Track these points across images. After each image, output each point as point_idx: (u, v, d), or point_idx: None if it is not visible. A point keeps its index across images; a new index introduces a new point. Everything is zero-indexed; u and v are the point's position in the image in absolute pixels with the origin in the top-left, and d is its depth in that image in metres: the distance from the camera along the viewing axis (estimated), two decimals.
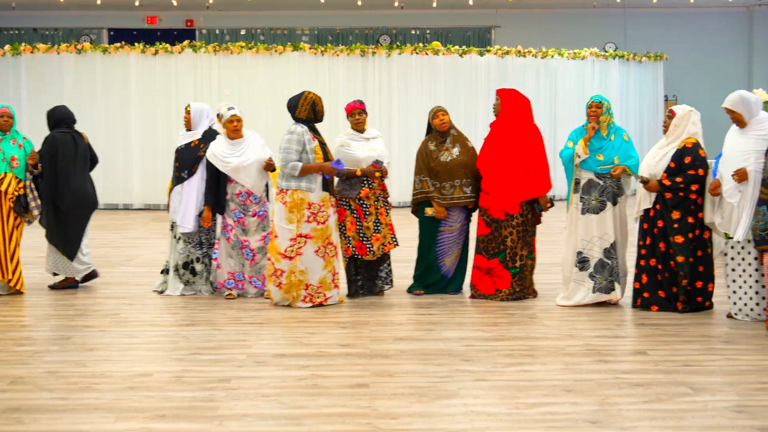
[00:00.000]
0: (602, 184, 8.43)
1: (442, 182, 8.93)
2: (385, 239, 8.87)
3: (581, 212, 8.49)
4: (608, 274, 8.46)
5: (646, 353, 6.88)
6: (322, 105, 8.59)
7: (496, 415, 5.47)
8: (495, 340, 7.35)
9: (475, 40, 22.35)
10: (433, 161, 8.95)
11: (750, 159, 7.67)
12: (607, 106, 8.54)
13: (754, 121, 7.80)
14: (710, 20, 22.54)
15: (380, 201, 8.89)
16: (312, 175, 8.38)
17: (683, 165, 8.06)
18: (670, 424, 5.30)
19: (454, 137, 9.06)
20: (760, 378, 6.19)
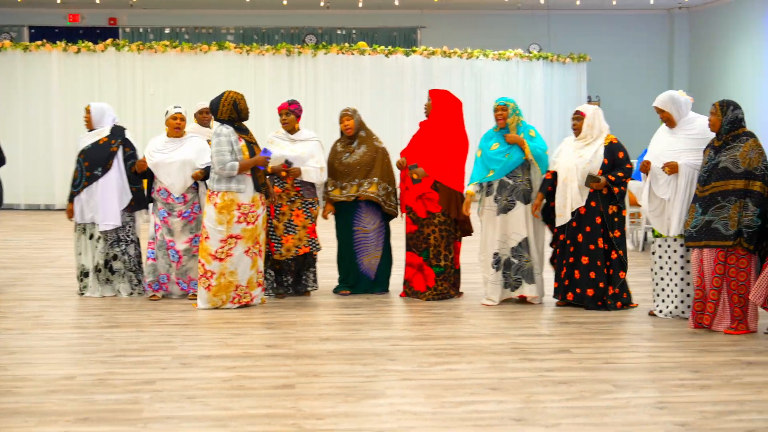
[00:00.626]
0: (512, 183, 8.49)
1: (343, 182, 8.96)
2: (300, 242, 8.84)
3: (496, 213, 8.54)
4: (514, 271, 8.54)
5: (569, 351, 6.96)
6: (245, 103, 8.51)
7: (422, 414, 5.49)
8: (421, 339, 7.37)
9: (401, 41, 22.40)
10: (336, 162, 8.99)
11: (680, 158, 7.79)
12: (513, 107, 8.60)
13: (683, 121, 7.91)
14: (632, 22, 22.87)
15: (297, 202, 8.86)
16: (242, 176, 8.33)
17: (617, 160, 8.22)
18: (593, 421, 5.37)
19: (362, 138, 9.08)
20: (680, 375, 6.30)
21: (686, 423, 5.31)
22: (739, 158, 7.35)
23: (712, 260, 7.44)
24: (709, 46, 21.71)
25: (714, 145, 7.55)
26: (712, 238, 7.39)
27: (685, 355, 6.84)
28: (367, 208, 9.02)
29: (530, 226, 8.56)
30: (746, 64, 19.92)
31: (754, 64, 19.55)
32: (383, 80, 19.14)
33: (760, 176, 7.33)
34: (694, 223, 7.51)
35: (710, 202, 7.42)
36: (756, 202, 7.29)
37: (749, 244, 7.30)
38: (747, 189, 7.33)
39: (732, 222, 7.32)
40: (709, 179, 7.46)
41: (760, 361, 6.64)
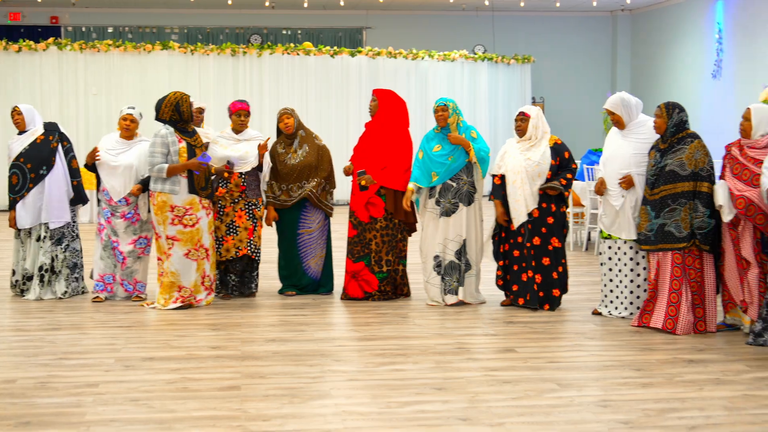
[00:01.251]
0: (456, 186, 8.52)
1: (289, 184, 8.92)
2: (241, 243, 8.80)
3: (438, 216, 8.56)
4: (458, 275, 8.57)
5: (514, 350, 7.00)
6: (188, 106, 8.42)
7: (368, 414, 5.49)
8: (367, 339, 7.37)
9: (347, 41, 22.41)
10: (279, 164, 8.95)
11: (631, 162, 7.85)
12: (452, 107, 8.62)
13: (634, 123, 7.97)
14: (576, 24, 23.08)
15: (240, 203, 8.82)
16: (176, 177, 8.26)
17: (564, 160, 8.30)
18: (537, 419, 5.40)
19: (302, 138, 9.06)
20: (623, 373, 6.37)
21: (629, 421, 5.36)
22: (686, 160, 7.43)
23: (670, 263, 7.51)
24: (650, 47, 21.97)
25: (659, 148, 7.62)
26: (667, 241, 7.46)
27: (628, 353, 6.92)
28: (312, 208, 9.00)
29: (471, 229, 8.58)
30: (687, 65, 20.19)
31: (694, 65, 19.82)
32: (329, 81, 19.13)
33: (706, 177, 7.42)
34: (649, 227, 7.57)
35: (661, 205, 7.49)
36: (705, 203, 7.38)
37: (704, 244, 7.40)
38: (695, 190, 7.41)
39: (684, 224, 7.40)
40: (657, 182, 7.53)
41: (701, 359, 6.73)
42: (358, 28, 22.56)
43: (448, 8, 22.03)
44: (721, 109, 18.17)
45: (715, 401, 5.72)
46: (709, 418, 5.40)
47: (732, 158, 7.37)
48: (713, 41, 18.89)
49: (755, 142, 7.24)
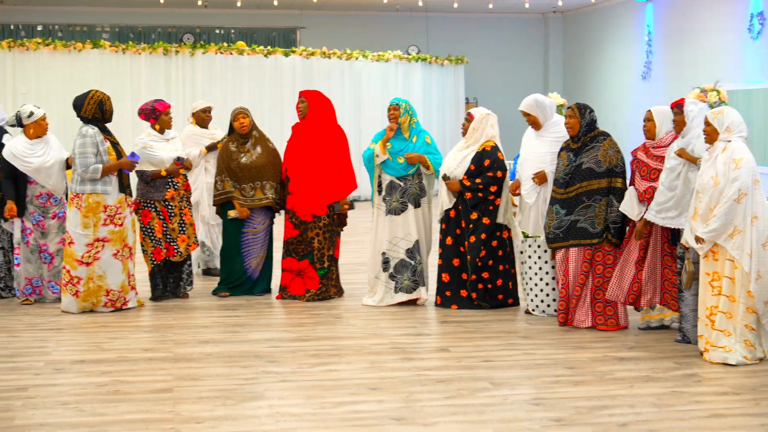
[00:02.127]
0: (403, 185, 8.56)
1: (243, 184, 8.89)
2: (189, 239, 8.76)
3: (385, 213, 8.60)
4: (411, 273, 8.60)
5: (448, 350, 7.04)
6: (111, 105, 8.33)
7: (302, 415, 5.48)
8: (301, 340, 7.36)
9: (281, 41, 22.33)
10: (233, 162, 8.91)
11: (546, 160, 7.98)
12: (405, 108, 8.65)
13: (549, 124, 8.11)
14: (508, 25, 23.26)
15: (184, 201, 8.78)
16: (108, 177, 8.17)
17: (483, 167, 8.30)
18: (470, 418, 5.44)
19: (256, 138, 9.04)
20: (555, 371, 6.43)
21: (561, 418, 5.42)
22: (601, 158, 7.58)
23: (579, 259, 7.63)
24: (582, 49, 22.22)
25: (571, 148, 7.76)
26: (580, 237, 7.60)
27: (560, 351, 6.99)
28: (260, 210, 8.96)
29: (421, 229, 8.62)
30: (617, 67, 20.45)
31: (625, 67, 20.08)
32: (262, 81, 19.05)
33: (620, 173, 7.61)
34: (557, 224, 7.69)
35: (575, 202, 7.62)
36: (619, 198, 7.55)
37: (615, 238, 7.55)
38: (610, 186, 7.58)
39: (599, 220, 7.55)
40: (572, 181, 7.66)
41: (631, 356, 6.82)
42: (292, 28, 22.50)
43: (382, 9, 22.07)
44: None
45: (644, 398, 5.80)
46: (639, 415, 5.48)
47: (639, 162, 7.51)
48: (643, 44, 19.16)
49: (660, 141, 7.39)
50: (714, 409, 5.62)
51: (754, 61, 15.23)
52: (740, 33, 15.60)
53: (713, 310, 6.62)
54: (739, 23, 15.67)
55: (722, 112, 6.66)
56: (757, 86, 15.01)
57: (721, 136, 6.62)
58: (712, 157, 6.62)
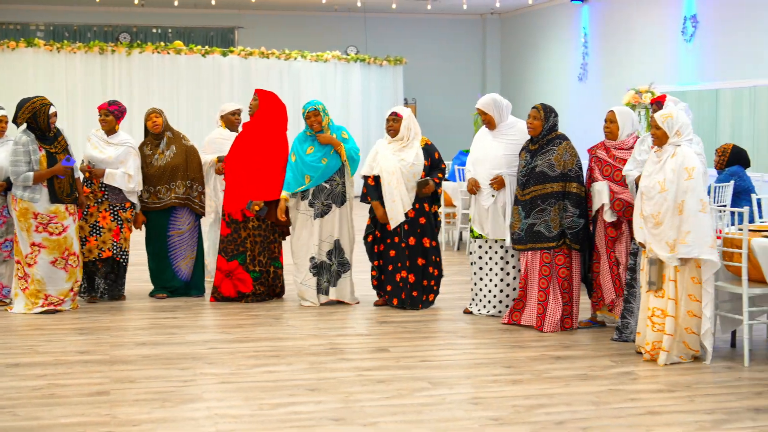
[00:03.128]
0: (329, 188, 8.54)
1: (158, 186, 8.81)
2: (104, 245, 8.63)
3: (314, 218, 8.56)
4: (331, 275, 8.60)
5: (387, 350, 7.05)
6: (46, 118, 8.09)
7: (241, 416, 5.45)
8: (239, 341, 7.32)
9: (219, 41, 22.19)
10: (146, 166, 8.83)
11: (502, 163, 7.97)
12: (323, 110, 8.63)
13: (504, 125, 8.08)
14: (447, 26, 23.35)
15: (105, 204, 8.65)
16: (37, 186, 8.06)
17: (434, 161, 8.39)
18: (409, 418, 5.45)
19: (169, 139, 8.97)
20: (493, 371, 6.47)
21: (499, 417, 5.45)
22: (555, 161, 7.58)
23: (539, 262, 7.66)
24: (519, 50, 22.38)
25: (530, 149, 7.76)
26: (537, 240, 7.61)
27: (498, 351, 7.03)
28: (182, 210, 8.89)
29: (344, 229, 8.61)
30: (554, 68, 20.64)
31: (561, 68, 20.27)
32: (200, 80, 18.92)
33: (575, 177, 7.60)
34: (520, 226, 7.71)
35: (531, 205, 7.63)
36: (574, 202, 7.56)
37: (575, 243, 7.58)
38: (565, 191, 7.58)
39: (554, 224, 7.56)
40: (528, 183, 7.67)
41: (568, 355, 6.89)
42: (230, 27, 22.36)
43: (321, 9, 22.03)
44: (587, 111, 18.62)
45: (581, 396, 5.86)
46: (576, 413, 5.53)
47: (599, 160, 7.55)
48: (579, 45, 19.36)
49: (622, 143, 7.44)
50: (650, 406, 5.69)
51: (688, 63, 15.46)
52: (674, 35, 15.83)
53: (656, 311, 6.69)
54: (672, 26, 15.89)
55: (671, 115, 6.64)
56: (690, 88, 15.24)
57: (670, 140, 6.63)
58: (661, 160, 6.65)
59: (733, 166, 9.37)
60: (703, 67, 15.10)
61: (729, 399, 5.83)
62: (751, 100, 13.61)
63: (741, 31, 14.02)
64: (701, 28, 15.08)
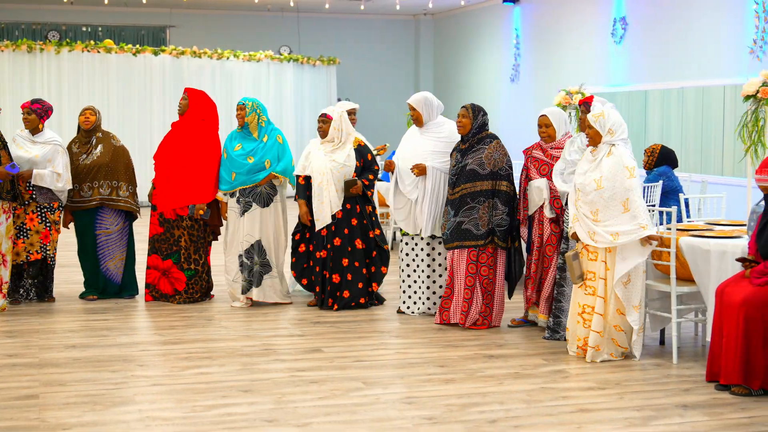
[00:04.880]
0: (255, 187, 8.54)
1: (81, 184, 8.72)
2: (32, 247, 8.50)
3: (240, 214, 8.53)
4: (248, 273, 8.57)
5: (321, 350, 7.04)
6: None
7: (173, 419, 5.41)
8: (172, 343, 7.26)
9: (150, 40, 21.95)
10: (72, 164, 8.73)
11: (428, 158, 8.02)
12: (252, 107, 8.61)
13: (432, 123, 8.14)
14: (380, 27, 23.38)
15: (32, 205, 8.52)
16: None
17: (366, 162, 8.40)
18: (343, 418, 5.45)
19: (99, 138, 8.87)
20: (427, 370, 6.50)
21: (433, 416, 5.48)
22: (485, 160, 7.65)
23: (465, 260, 7.71)
24: (452, 51, 22.49)
25: (460, 148, 7.81)
26: (465, 238, 7.66)
27: (432, 350, 7.06)
28: (109, 210, 8.79)
29: (267, 230, 8.59)
30: (487, 69, 20.77)
31: (494, 69, 20.41)
32: (131, 80, 18.70)
33: (505, 176, 7.67)
34: (448, 225, 7.75)
35: (460, 203, 7.69)
36: (504, 201, 7.63)
37: (502, 241, 7.64)
38: (494, 189, 7.65)
39: (483, 222, 7.62)
40: (458, 182, 7.72)
41: (500, 354, 6.94)
42: (161, 26, 22.14)
43: (254, 8, 21.92)
44: (519, 112, 18.77)
45: (514, 395, 5.91)
46: (509, 411, 5.58)
47: (536, 160, 7.63)
48: (511, 46, 19.50)
49: (559, 142, 7.53)
50: (581, 404, 5.76)
51: (617, 65, 15.66)
52: (604, 37, 16.02)
53: (586, 308, 6.78)
54: (602, 28, 16.09)
55: (603, 114, 6.72)
56: (619, 89, 15.44)
57: (604, 138, 6.72)
58: (596, 159, 6.74)
59: (662, 167, 9.50)
60: (632, 69, 15.30)
61: (658, 396, 5.92)
62: (679, 101, 13.83)
63: (669, 33, 14.24)
64: (630, 30, 15.28)
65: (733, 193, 10.87)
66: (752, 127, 8.31)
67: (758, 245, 6.03)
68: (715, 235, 6.73)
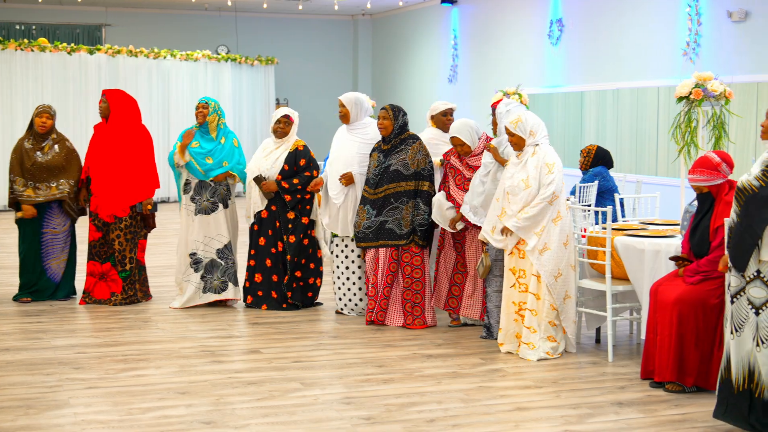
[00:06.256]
0: (213, 185, 8.49)
1: (37, 182, 8.61)
2: None
3: (194, 213, 8.50)
4: (221, 274, 8.53)
5: (259, 351, 7.02)
6: None
7: (109, 422, 5.35)
8: (108, 345, 7.18)
9: (85, 38, 21.69)
10: (29, 160, 8.61)
11: (354, 162, 8.05)
12: (214, 107, 8.60)
13: (359, 123, 8.18)
14: (318, 27, 23.35)
15: None
16: None
17: (299, 167, 8.34)
18: (282, 419, 5.44)
19: (54, 139, 8.78)
20: (365, 370, 6.51)
21: (371, 416, 5.49)
22: (408, 160, 7.72)
23: (387, 259, 7.75)
24: (390, 52, 22.53)
25: (382, 149, 7.87)
26: (388, 237, 7.72)
27: (370, 350, 7.07)
28: (59, 209, 8.69)
29: (231, 229, 8.57)
30: (425, 69, 20.84)
31: (432, 70, 20.49)
32: (66, 79, 18.46)
33: (427, 176, 7.76)
34: (367, 224, 7.78)
35: (384, 203, 7.74)
36: (426, 201, 7.71)
37: (422, 240, 7.71)
38: (417, 189, 7.72)
39: (405, 222, 7.68)
40: (381, 182, 7.77)
41: (439, 353, 6.97)
42: (97, 25, 21.90)
43: (191, 7, 21.77)
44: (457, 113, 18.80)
45: (452, 394, 5.94)
46: (447, 411, 5.61)
47: (452, 168, 7.70)
48: (449, 47, 19.59)
49: (474, 150, 7.60)
50: (518, 402, 5.80)
51: (554, 66, 15.80)
52: (541, 39, 16.15)
53: (522, 306, 6.84)
54: (539, 29, 16.22)
55: (519, 119, 6.84)
56: (556, 90, 15.59)
57: (527, 141, 6.84)
58: (522, 160, 6.82)
59: (597, 167, 9.61)
60: (568, 70, 15.45)
61: (594, 394, 5.99)
62: (614, 102, 13.99)
63: (605, 35, 14.40)
64: (567, 32, 15.43)
65: (666, 192, 11.03)
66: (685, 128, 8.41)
67: (691, 244, 6.13)
68: (650, 234, 6.82)
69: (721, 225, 5.80)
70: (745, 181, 5.08)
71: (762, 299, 5.04)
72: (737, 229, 5.09)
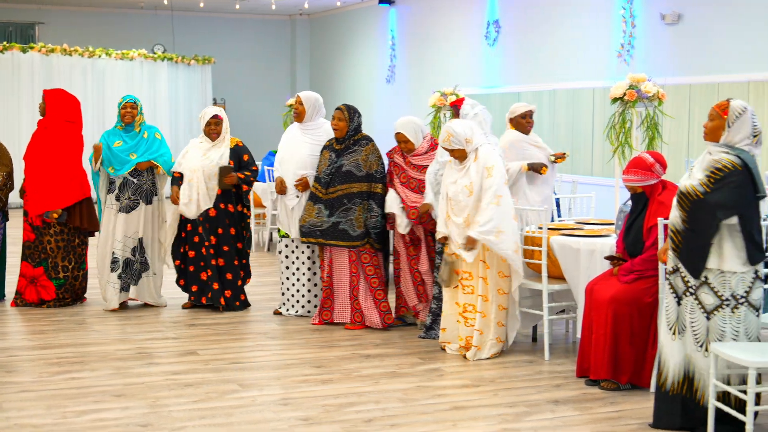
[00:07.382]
0: (136, 182, 8.40)
1: None
2: None
3: (117, 211, 8.39)
4: (135, 273, 8.45)
5: (196, 353, 6.97)
6: None
7: (42, 426, 5.28)
8: (41, 348, 7.08)
9: (18, 36, 21.36)
10: None
11: (307, 164, 8.00)
12: (140, 107, 8.54)
13: (312, 124, 8.14)
14: (256, 27, 23.23)
15: None
16: None
17: (243, 162, 8.32)
18: (218, 421, 5.41)
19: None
20: (304, 371, 6.49)
21: (309, 417, 5.48)
22: (361, 162, 7.69)
23: (347, 260, 7.73)
24: (329, 52, 22.51)
25: (335, 148, 7.83)
26: (342, 239, 7.68)
27: (309, 351, 7.06)
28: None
29: (149, 227, 8.48)
30: (363, 70, 20.85)
31: (370, 70, 20.50)
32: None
33: (380, 179, 7.73)
34: (317, 223, 7.73)
35: (336, 204, 7.70)
36: (379, 203, 7.69)
37: (378, 243, 7.71)
38: (370, 191, 7.69)
39: (358, 223, 7.64)
40: (332, 182, 7.74)
41: (377, 353, 6.98)
42: (30, 23, 21.57)
43: (126, 6, 21.55)
44: (395, 113, 18.75)
45: (390, 394, 5.96)
46: (385, 410, 5.62)
47: (396, 166, 7.71)
48: (387, 48, 19.61)
49: (418, 149, 7.62)
50: (455, 401, 5.83)
51: (491, 67, 15.90)
52: (478, 40, 16.24)
53: (467, 307, 6.87)
54: (476, 30, 16.30)
55: (450, 134, 6.79)
56: (493, 90, 15.68)
57: (468, 149, 6.82)
58: (465, 166, 6.83)
59: None
60: (505, 71, 15.55)
61: (530, 392, 6.05)
62: (551, 103, 14.11)
63: (541, 36, 14.51)
64: (503, 33, 15.53)
65: (601, 192, 11.16)
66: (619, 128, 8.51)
67: (625, 244, 6.20)
68: (585, 234, 6.90)
69: (655, 224, 5.88)
70: (689, 185, 5.11)
71: (713, 305, 5.10)
72: (687, 236, 5.11)
